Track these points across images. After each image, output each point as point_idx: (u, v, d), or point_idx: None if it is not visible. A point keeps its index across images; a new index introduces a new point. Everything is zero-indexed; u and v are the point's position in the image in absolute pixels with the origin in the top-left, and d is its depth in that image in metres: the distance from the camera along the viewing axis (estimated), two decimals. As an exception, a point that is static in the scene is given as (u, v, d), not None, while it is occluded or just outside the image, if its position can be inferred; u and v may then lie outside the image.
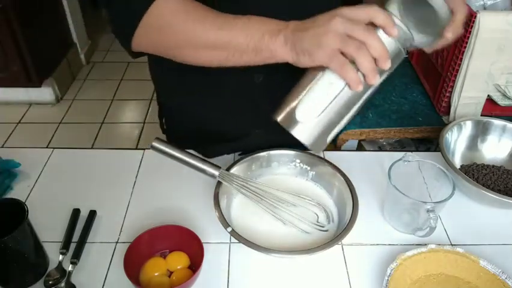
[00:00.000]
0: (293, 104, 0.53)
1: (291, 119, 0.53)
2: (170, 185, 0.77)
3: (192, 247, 0.62)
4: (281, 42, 0.55)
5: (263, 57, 0.57)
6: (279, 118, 0.54)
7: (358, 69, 0.50)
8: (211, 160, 0.69)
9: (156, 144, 0.65)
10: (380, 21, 0.51)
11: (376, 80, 0.51)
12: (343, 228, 0.63)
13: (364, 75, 0.50)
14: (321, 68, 0.53)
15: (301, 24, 0.55)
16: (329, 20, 0.52)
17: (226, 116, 0.81)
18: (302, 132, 0.53)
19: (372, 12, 0.51)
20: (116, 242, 0.68)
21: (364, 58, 0.50)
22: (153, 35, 0.62)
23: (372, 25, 0.51)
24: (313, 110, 0.53)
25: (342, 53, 0.50)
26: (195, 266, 0.62)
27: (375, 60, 0.50)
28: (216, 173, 0.66)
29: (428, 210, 0.64)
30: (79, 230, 0.68)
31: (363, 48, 0.50)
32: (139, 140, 2.31)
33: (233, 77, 0.71)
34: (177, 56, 0.64)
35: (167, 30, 0.61)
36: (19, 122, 2.36)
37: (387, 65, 0.51)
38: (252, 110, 0.79)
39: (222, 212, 0.64)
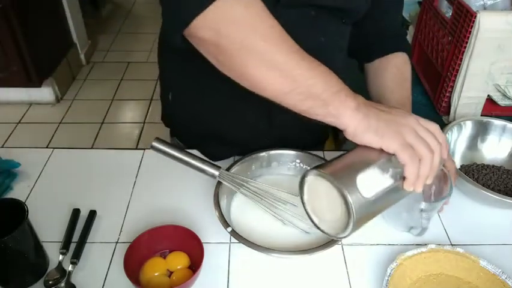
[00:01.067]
0: (355, 172, 0.51)
1: (350, 182, 0.50)
2: (170, 185, 0.77)
3: (192, 247, 0.62)
4: (354, 106, 0.53)
5: (325, 112, 0.54)
6: (328, 172, 0.51)
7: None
8: (217, 163, 0.69)
9: (156, 144, 0.65)
10: (441, 140, 0.55)
11: (420, 189, 0.54)
12: (343, 228, 0.63)
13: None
14: (383, 153, 0.53)
15: (372, 103, 0.56)
16: (404, 115, 0.55)
17: (237, 124, 0.81)
18: (357, 200, 0.50)
19: (437, 129, 0.56)
20: (116, 242, 0.68)
21: (429, 162, 0.53)
22: (223, 22, 0.51)
23: None
24: (375, 185, 0.52)
25: None
26: (195, 266, 0.62)
27: None
28: (216, 173, 0.66)
29: (421, 210, 0.64)
30: (79, 230, 0.68)
31: (432, 153, 0.53)
32: (139, 140, 2.31)
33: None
34: (238, 63, 0.53)
35: (242, 26, 0.51)
36: (19, 122, 2.36)
37: (430, 180, 0.54)
38: (265, 120, 0.79)
39: (222, 212, 0.64)
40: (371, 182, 0.51)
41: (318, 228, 0.56)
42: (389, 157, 0.53)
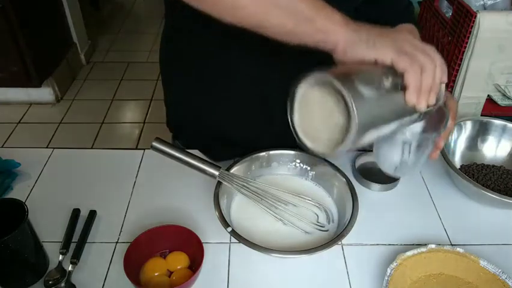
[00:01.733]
0: (353, 75, 0.47)
1: (348, 82, 0.46)
2: (170, 185, 0.77)
3: (191, 247, 0.62)
4: (343, 21, 0.51)
5: (312, 29, 0.51)
6: (327, 73, 0.47)
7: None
8: (217, 163, 0.69)
9: (156, 144, 0.65)
10: (439, 59, 0.52)
11: (424, 105, 0.49)
12: (343, 228, 0.63)
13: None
14: (379, 65, 0.49)
15: (363, 24, 0.53)
16: (401, 30, 0.53)
17: (238, 123, 0.81)
18: (357, 99, 0.45)
19: (433, 49, 0.52)
20: (116, 242, 0.68)
21: (431, 71, 0.48)
22: None
23: None
24: (375, 87, 0.47)
25: None
26: (195, 266, 0.62)
27: None
28: (216, 173, 0.66)
29: (403, 142, 0.60)
30: (79, 230, 0.68)
31: (434, 63, 0.49)
32: (139, 140, 2.31)
33: (249, 85, 0.71)
34: None
35: None
36: (19, 122, 2.36)
37: (433, 98, 0.50)
38: (264, 119, 0.78)
39: (222, 212, 0.64)
40: (370, 84, 0.48)
41: (313, 151, 0.52)
42: (387, 67, 0.49)
